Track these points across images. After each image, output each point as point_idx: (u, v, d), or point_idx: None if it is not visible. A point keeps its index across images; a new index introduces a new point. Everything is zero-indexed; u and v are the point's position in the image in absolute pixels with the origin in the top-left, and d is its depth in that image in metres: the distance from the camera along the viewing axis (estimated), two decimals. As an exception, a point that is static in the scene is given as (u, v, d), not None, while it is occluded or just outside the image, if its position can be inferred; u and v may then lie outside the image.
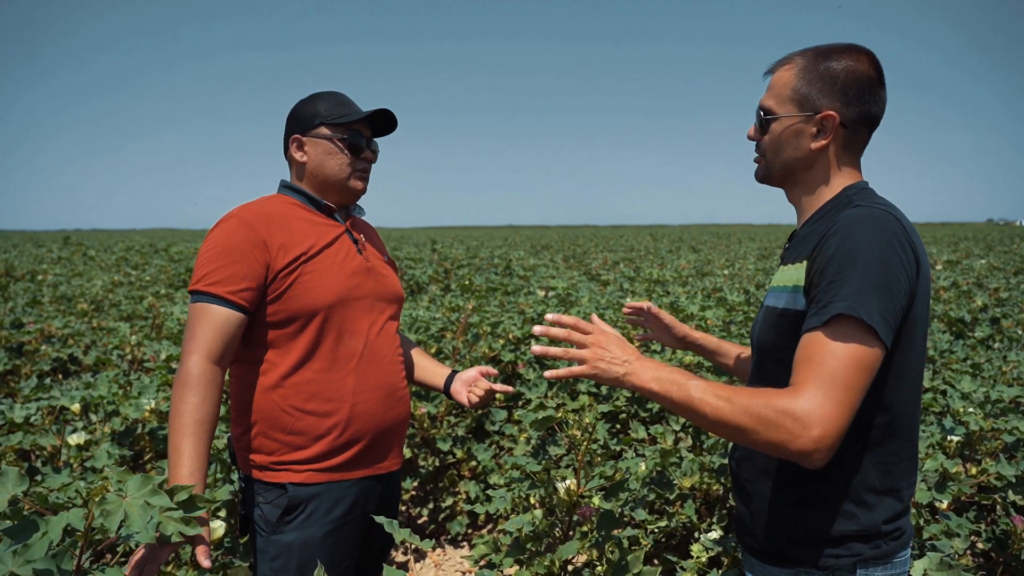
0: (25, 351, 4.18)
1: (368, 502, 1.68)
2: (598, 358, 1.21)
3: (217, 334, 1.52)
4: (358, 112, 1.71)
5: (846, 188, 1.28)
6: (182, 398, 1.47)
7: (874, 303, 1.07)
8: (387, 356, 1.70)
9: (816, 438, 1.03)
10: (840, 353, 1.06)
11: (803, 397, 1.05)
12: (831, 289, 1.10)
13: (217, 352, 1.52)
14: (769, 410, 1.06)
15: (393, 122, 1.77)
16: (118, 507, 1.07)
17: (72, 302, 6.95)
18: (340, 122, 1.68)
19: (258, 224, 1.58)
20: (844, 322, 1.07)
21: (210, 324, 1.51)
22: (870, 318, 1.06)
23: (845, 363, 1.06)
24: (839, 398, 1.05)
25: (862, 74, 1.25)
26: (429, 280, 10.10)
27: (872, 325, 1.06)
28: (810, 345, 1.10)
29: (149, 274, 10.61)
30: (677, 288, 7.06)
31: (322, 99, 1.70)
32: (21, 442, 2.46)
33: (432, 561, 3.20)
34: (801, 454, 1.05)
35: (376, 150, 1.77)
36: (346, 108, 1.71)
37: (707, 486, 2.46)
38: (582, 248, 21.32)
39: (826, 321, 1.09)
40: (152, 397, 2.83)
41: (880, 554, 1.20)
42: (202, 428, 1.47)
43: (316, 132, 1.68)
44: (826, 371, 1.06)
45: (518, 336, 3.99)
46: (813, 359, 1.08)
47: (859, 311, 1.06)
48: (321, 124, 1.68)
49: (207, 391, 1.49)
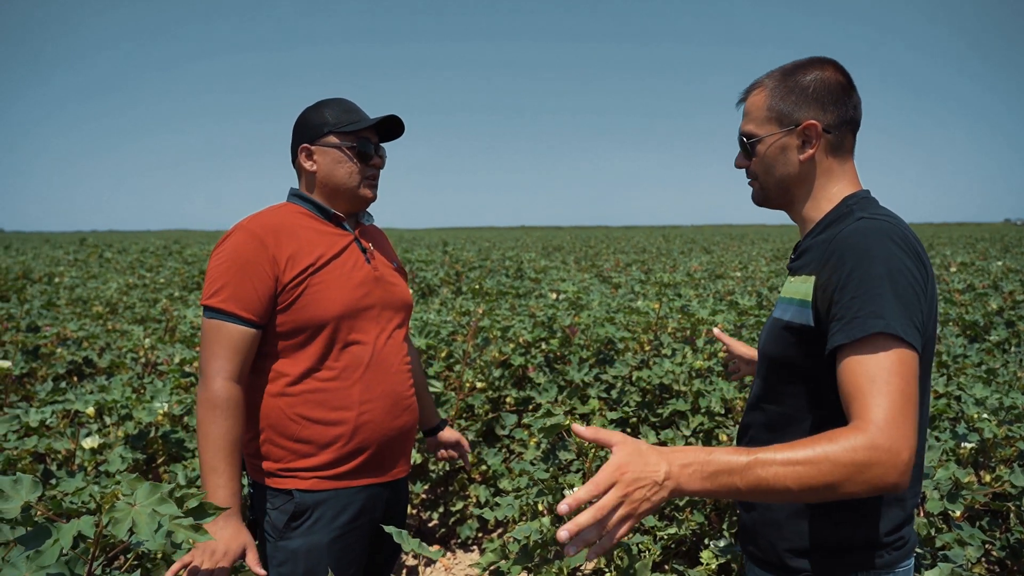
0: (41, 354, 4.23)
1: (375, 508, 1.69)
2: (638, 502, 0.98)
3: (237, 353, 1.55)
4: (366, 119, 1.72)
5: (846, 198, 1.28)
6: (214, 421, 1.51)
7: (903, 314, 1.07)
8: (394, 365, 1.71)
9: (907, 460, 1.00)
10: (895, 368, 1.04)
11: (880, 425, 1.00)
12: (855, 304, 1.09)
13: (238, 371, 1.55)
14: (856, 453, 0.98)
15: (400, 127, 1.78)
16: (126, 515, 1.09)
17: (88, 304, 7.02)
18: (348, 130, 1.69)
19: (267, 237, 1.59)
20: (884, 339, 1.06)
21: (229, 343, 1.54)
22: (905, 332, 1.06)
23: (903, 376, 1.04)
24: (909, 412, 1.02)
25: (832, 80, 1.27)
26: (440, 283, 10.12)
27: (907, 339, 1.05)
28: (858, 367, 1.05)
29: (163, 276, 10.70)
30: (689, 291, 7.03)
31: (329, 107, 1.71)
32: (36, 445, 2.49)
33: (442, 565, 3.21)
34: (894, 485, 1.00)
35: (384, 156, 1.78)
36: (354, 115, 1.71)
37: (717, 493, 2.46)
38: (594, 249, 21.29)
39: (863, 339, 1.06)
40: (165, 401, 2.86)
41: (882, 564, 1.20)
42: (236, 449, 1.53)
43: (325, 141, 1.69)
44: (890, 390, 1.03)
45: (528, 340, 3.99)
46: (875, 381, 1.03)
47: (895, 327, 1.05)
48: (330, 132, 1.69)
49: (236, 412, 1.53)
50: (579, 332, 4.00)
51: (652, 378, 3.45)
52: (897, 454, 0.99)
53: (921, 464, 1.25)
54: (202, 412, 1.52)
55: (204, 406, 1.52)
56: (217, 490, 1.49)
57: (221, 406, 1.51)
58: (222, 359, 1.53)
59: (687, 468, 1.00)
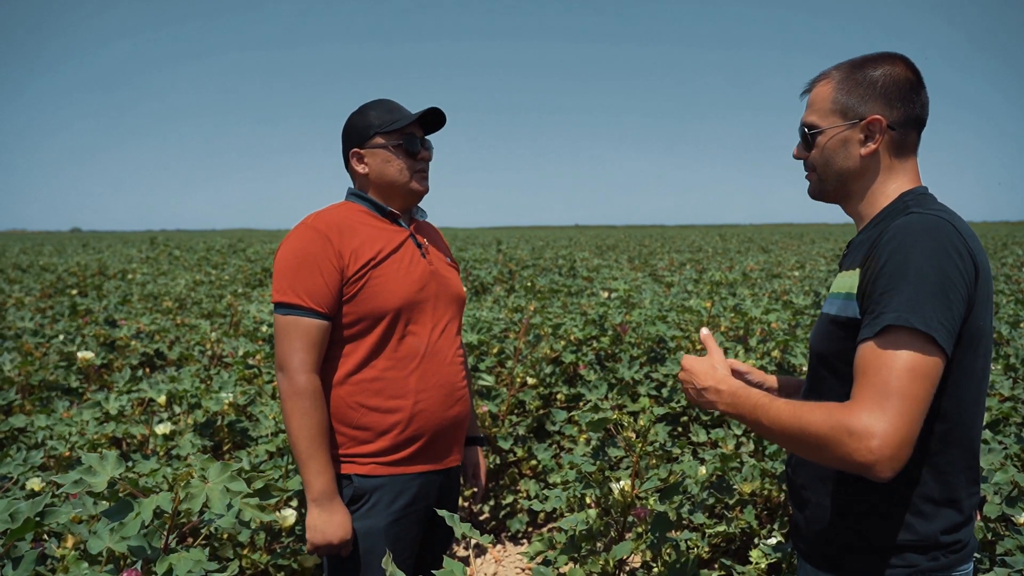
0: (117, 346, 4.48)
1: (429, 495, 1.75)
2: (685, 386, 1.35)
3: (314, 347, 1.64)
4: (408, 116, 1.77)
5: (903, 194, 1.27)
6: (305, 413, 1.60)
7: (930, 310, 1.07)
8: (448, 356, 1.78)
9: (874, 449, 1.03)
10: (893, 363, 1.06)
11: (858, 410, 1.06)
12: (883, 300, 1.10)
13: (317, 364, 1.65)
14: (827, 426, 1.07)
15: (442, 118, 1.82)
16: (200, 491, 1.17)
17: (158, 300, 7.37)
18: (393, 129, 1.75)
19: (331, 233, 1.67)
20: (896, 332, 1.07)
21: (307, 337, 1.62)
22: (926, 326, 1.06)
23: (898, 373, 1.05)
24: (896, 408, 1.04)
25: (901, 77, 1.25)
26: (494, 281, 10.21)
27: (929, 332, 1.05)
28: (863, 357, 1.10)
29: (228, 273, 11.11)
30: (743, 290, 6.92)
31: (372, 109, 1.78)
32: (115, 431, 2.66)
33: (492, 557, 3.27)
34: (863, 467, 1.05)
35: (431, 148, 1.83)
36: (396, 114, 1.77)
37: (768, 492, 2.44)
38: (648, 248, 21.08)
39: (878, 332, 1.09)
40: (231, 392, 3.01)
41: (938, 566, 1.18)
42: (326, 438, 1.64)
43: (372, 143, 1.76)
44: (879, 382, 1.06)
45: (579, 337, 4.02)
46: (867, 371, 1.08)
47: (911, 320, 1.06)
48: (376, 134, 1.75)
49: (322, 403, 1.64)
50: (630, 330, 4.01)
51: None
52: (863, 440, 1.04)
53: (975, 466, 1.23)
54: (290, 405, 1.60)
55: (292, 400, 1.60)
56: (317, 477, 1.59)
57: (310, 398, 1.60)
58: (302, 352, 1.62)
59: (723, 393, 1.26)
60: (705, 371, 1.31)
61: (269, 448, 2.57)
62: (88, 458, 1.26)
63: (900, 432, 1.04)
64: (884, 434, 1.03)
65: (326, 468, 1.61)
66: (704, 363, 1.32)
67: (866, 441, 1.03)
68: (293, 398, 1.60)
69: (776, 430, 1.16)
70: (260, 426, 2.84)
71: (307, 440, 1.59)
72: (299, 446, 1.60)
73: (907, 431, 1.04)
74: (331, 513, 1.60)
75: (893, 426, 1.03)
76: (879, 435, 1.03)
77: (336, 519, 1.60)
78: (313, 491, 1.59)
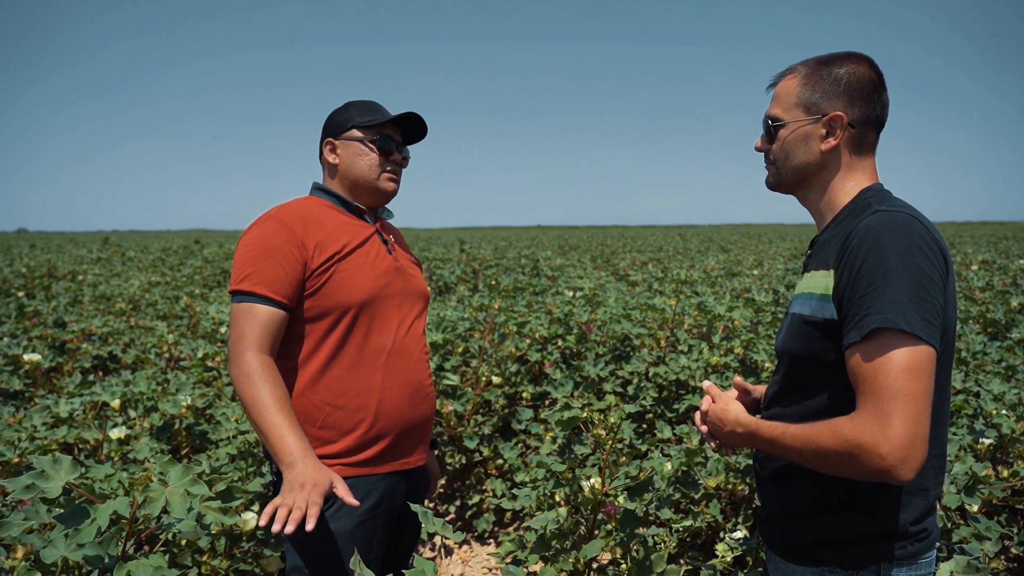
0: (67, 349, 4.33)
1: (395, 496, 1.73)
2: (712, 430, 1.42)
3: (265, 330, 1.58)
4: (387, 115, 1.79)
5: (863, 190, 1.29)
6: (253, 386, 1.51)
7: (911, 308, 1.08)
8: (414, 353, 1.75)
9: (885, 456, 1.05)
10: (888, 366, 1.07)
11: (861, 422, 1.08)
12: (865, 302, 1.11)
13: (268, 346, 1.58)
14: (837, 444, 1.10)
15: (423, 128, 1.84)
16: (160, 495, 1.13)
17: (111, 301, 7.15)
18: (370, 125, 1.76)
19: (295, 224, 1.64)
20: (884, 334, 1.08)
21: (257, 321, 1.57)
22: (909, 325, 1.07)
23: (895, 375, 1.07)
24: (899, 411, 1.06)
25: (864, 77, 1.28)
26: (457, 280, 10.17)
27: (914, 332, 1.07)
28: (857, 365, 1.11)
29: (184, 274, 10.85)
30: (705, 288, 7.02)
31: (354, 106, 1.80)
32: (66, 436, 2.56)
33: (459, 558, 3.24)
34: (881, 475, 1.07)
35: (407, 155, 1.85)
36: (376, 113, 1.79)
37: (732, 486, 2.47)
38: (610, 248, 21.25)
39: (865, 336, 1.10)
40: (188, 394, 2.92)
41: (906, 555, 1.20)
42: (285, 404, 1.52)
43: (348, 135, 1.77)
44: (877, 388, 1.07)
45: (544, 336, 4.02)
46: (864, 379, 1.10)
47: (896, 321, 1.07)
48: (353, 127, 1.77)
49: (273, 376, 1.55)
50: (595, 328, 4.02)
51: (668, 374, 3.47)
52: (870, 450, 1.06)
53: (942, 455, 1.25)
54: (239, 385, 1.54)
55: (240, 379, 1.54)
56: (282, 440, 1.47)
57: (256, 371, 1.53)
58: (251, 335, 1.56)
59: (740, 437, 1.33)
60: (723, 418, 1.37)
61: (230, 451, 2.51)
62: (40, 462, 1.20)
63: (908, 433, 1.05)
64: (890, 440, 1.05)
65: (290, 431, 1.48)
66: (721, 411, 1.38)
67: (875, 451, 1.05)
68: (240, 378, 1.53)
69: (796, 458, 1.19)
70: (220, 429, 2.77)
71: (261, 412, 1.49)
72: (256, 421, 1.50)
73: (915, 430, 1.06)
74: (300, 469, 1.44)
75: (898, 430, 1.05)
76: (886, 442, 1.05)
77: (307, 470, 1.44)
78: (284, 453, 1.45)
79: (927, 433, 1.07)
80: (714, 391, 1.43)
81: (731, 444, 1.38)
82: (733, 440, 1.35)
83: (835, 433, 1.11)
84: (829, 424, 1.13)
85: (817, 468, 1.17)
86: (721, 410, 1.37)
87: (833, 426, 1.12)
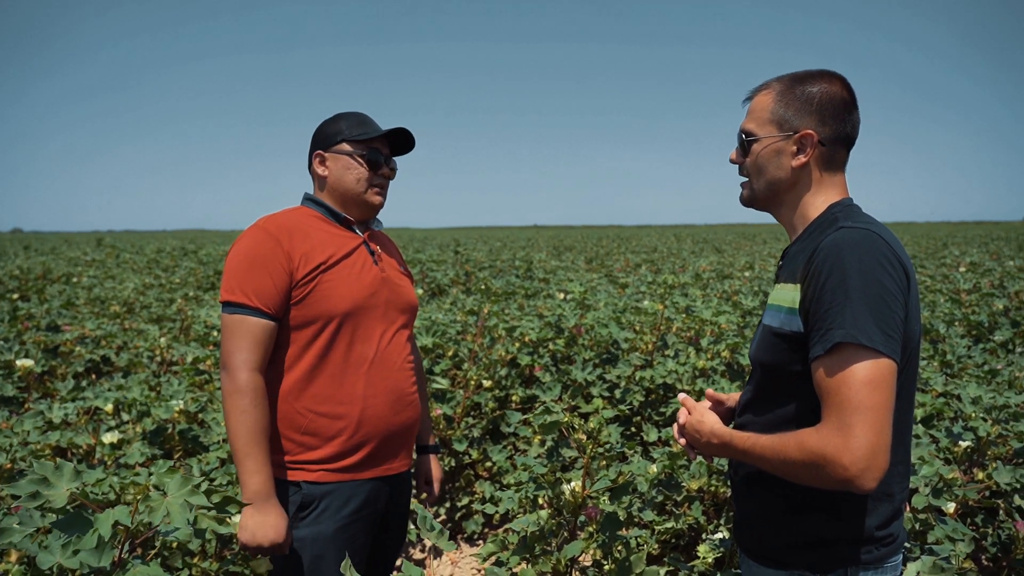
0: (61, 352, 4.36)
1: (378, 500, 1.77)
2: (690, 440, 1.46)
3: (259, 345, 1.64)
4: (377, 130, 1.83)
5: (831, 206, 1.33)
6: (244, 411, 1.59)
7: (872, 323, 1.12)
8: (397, 362, 1.80)
9: (848, 466, 1.09)
10: (850, 380, 1.12)
11: (825, 433, 1.13)
12: (828, 317, 1.15)
13: (261, 363, 1.65)
14: (802, 456, 1.15)
15: (411, 141, 1.88)
16: (160, 505, 1.16)
17: (105, 304, 7.17)
18: (360, 139, 1.80)
19: (281, 235, 1.69)
20: (846, 349, 1.13)
21: (251, 336, 1.63)
22: (870, 340, 1.11)
23: (857, 388, 1.11)
24: (861, 423, 1.10)
25: (837, 96, 1.32)
26: (451, 282, 10.21)
27: (874, 347, 1.11)
28: (821, 378, 1.16)
29: (179, 276, 10.86)
30: (695, 291, 7.07)
31: (344, 119, 1.83)
32: (59, 440, 2.60)
33: (449, 559, 3.29)
34: (844, 484, 1.12)
35: (394, 168, 1.89)
36: (366, 127, 1.83)
37: (714, 488, 2.52)
38: (605, 249, 21.30)
39: (828, 350, 1.14)
40: (181, 399, 2.96)
41: (872, 559, 1.24)
42: (265, 437, 1.62)
43: (337, 148, 1.80)
44: (840, 401, 1.12)
45: (535, 339, 4.07)
46: (828, 392, 1.14)
47: (857, 336, 1.11)
48: (342, 141, 1.80)
49: (263, 402, 1.63)
50: (584, 332, 4.06)
51: (655, 378, 3.51)
52: (836, 460, 1.10)
53: (907, 461, 1.29)
54: (230, 403, 1.60)
55: (232, 397, 1.60)
56: (252, 476, 1.58)
57: (250, 396, 1.60)
58: (246, 351, 1.62)
59: (715, 447, 1.37)
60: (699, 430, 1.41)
61: (220, 455, 2.55)
62: (41, 467, 1.22)
63: (869, 444, 1.09)
64: (852, 451, 1.09)
65: (262, 468, 1.59)
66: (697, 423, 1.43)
67: (838, 462, 1.10)
68: (233, 395, 1.60)
69: (766, 467, 1.24)
70: (212, 433, 2.80)
71: (244, 438, 1.58)
72: (236, 444, 1.59)
73: (876, 440, 1.10)
74: (264, 515, 1.58)
75: (860, 441, 1.09)
76: (848, 453, 1.09)
77: (269, 520, 1.58)
78: (248, 491, 1.58)
79: (888, 443, 1.11)
80: (689, 403, 1.46)
81: (709, 454, 1.42)
82: (710, 450, 1.39)
83: (801, 445, 1.15)
84: (795, 436, 1.17)
85: (786, 477, 1.21)
86: (697, 422, 1.41)
87: (799, 438, 1.16)
